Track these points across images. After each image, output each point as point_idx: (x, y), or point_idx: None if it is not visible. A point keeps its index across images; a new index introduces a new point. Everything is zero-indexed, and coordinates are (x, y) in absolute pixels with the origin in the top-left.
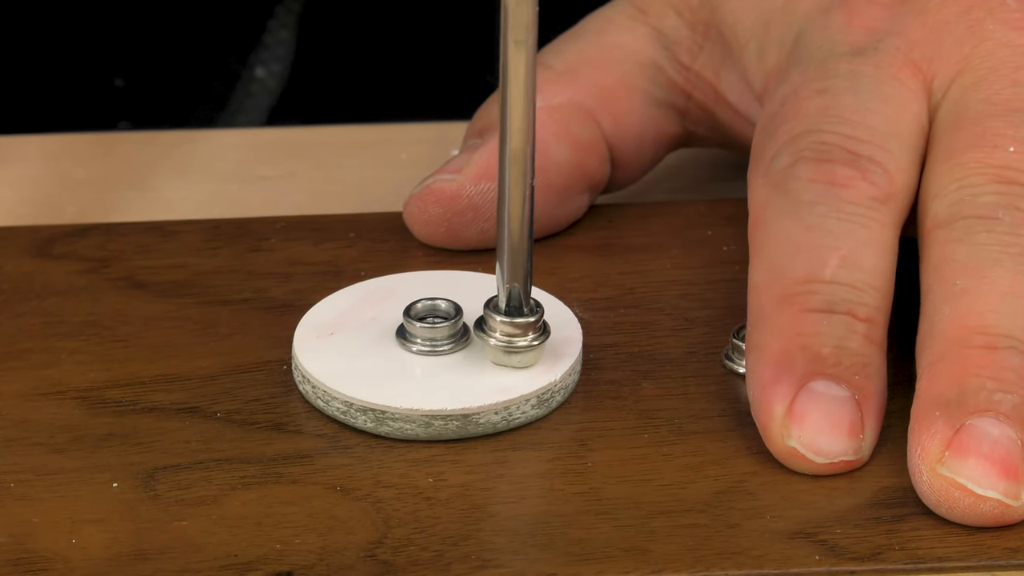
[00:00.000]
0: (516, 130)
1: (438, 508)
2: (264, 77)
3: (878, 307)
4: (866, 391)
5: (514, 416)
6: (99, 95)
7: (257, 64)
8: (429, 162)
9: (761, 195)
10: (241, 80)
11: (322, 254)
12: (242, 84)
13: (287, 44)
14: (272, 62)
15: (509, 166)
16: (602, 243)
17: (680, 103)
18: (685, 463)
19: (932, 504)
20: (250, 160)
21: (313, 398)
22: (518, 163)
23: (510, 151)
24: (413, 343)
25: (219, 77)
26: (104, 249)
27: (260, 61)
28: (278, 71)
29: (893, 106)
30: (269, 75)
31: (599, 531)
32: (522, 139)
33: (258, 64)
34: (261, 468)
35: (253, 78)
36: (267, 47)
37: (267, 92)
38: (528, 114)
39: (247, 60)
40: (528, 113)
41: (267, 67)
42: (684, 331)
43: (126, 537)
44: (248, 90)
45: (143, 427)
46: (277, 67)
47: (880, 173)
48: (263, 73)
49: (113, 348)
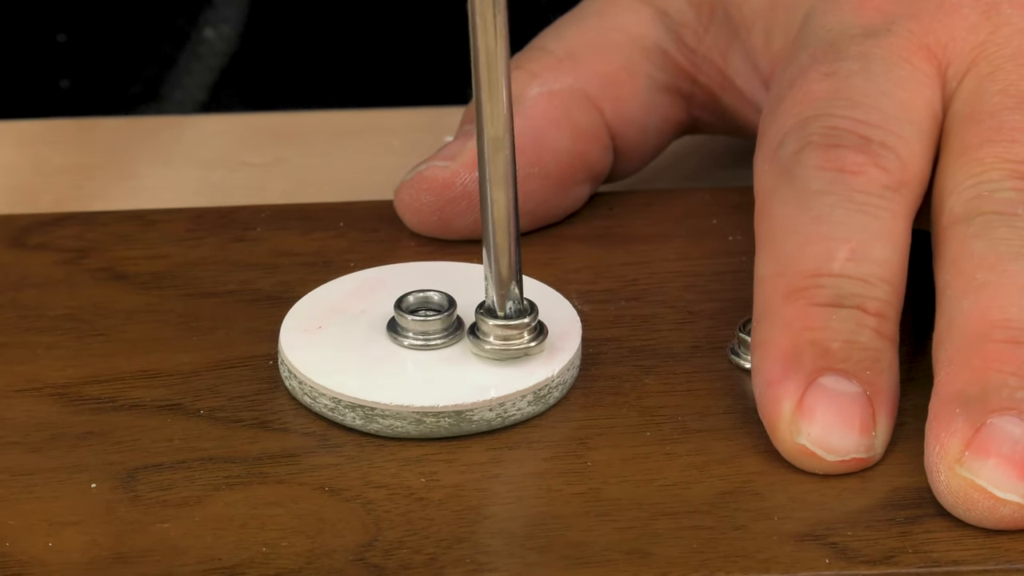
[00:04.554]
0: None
1: (431, 509)
2: (213, 39)
3: (889, 301)
4: (877, 387)
5: (510, 413)
6: (39, 51)
7: (206, 25)
8: (422, 149)
9: (767, 183)
10: (190, 40)
11: (310, 244)
12: (190, 45)
13: (237, 5)
14: (221, 23)
15: (488, 152)
16: (602, 232)
17: (685, 88)
18: (689, 462)
19: (949, 505)
20: (235, 146)
21: (300, 394)
22: (499, 149)
23: (487, 137)
24: (405, 337)
25: (166, 36)
26: (82, 239)
27: (209, 22)
28: (228, 33)
29: (906, 90)
30: (218, 37)
31: (599, 534)
32: (500, 124)
33: (207, 25)
34: (246, 468)
35: (201, 39)
36: (215, 7)
37: (216, 54)
38: (504, 96)
39: (196, 20)
40: (504, 94)
41: (216, 28)
42: (688, 325)
43: (105, 540)
44: (196, 51)
45: (123, 425)
46: (227, 29)
47: (892, 159)
48: (212, 34)
49: (92, 343)
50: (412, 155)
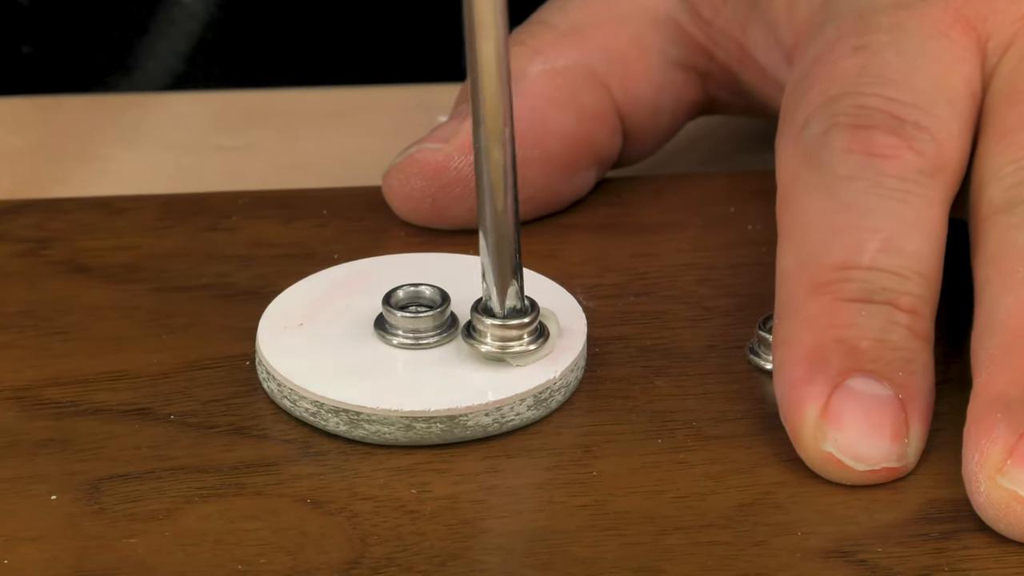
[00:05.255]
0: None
1: (422, 523)
2: (189, 1)
3: (923, 296)
4: (910, 389)
5: (507, 418)
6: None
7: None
8: (413, 129)
9: (790, 167)
10: (162, 2)
11: (290, 234)
12: (164, 7)
13: None
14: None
15: (484, 134)
16: (610, 221)
17: (701, 64)
18: (704, 472)
19: (989, 519)
20: (208, 127)
21: (279, 398)
22: (497, 130)
23: (485, 121)
24: (393, 335)
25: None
26: (43, 228)
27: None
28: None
29: (942, 65)
30: (195, 0)
31: (605, 550)
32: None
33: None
34: (221, 478)
35: (176, 1)
36: None
37: (192, 19)
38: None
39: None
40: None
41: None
42: (703, 322)
43: (67, 557)
44: (170, 15)
45: (86, 431)
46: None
47: (927, 141)
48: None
49: (52, 342)
50: (402, 137)
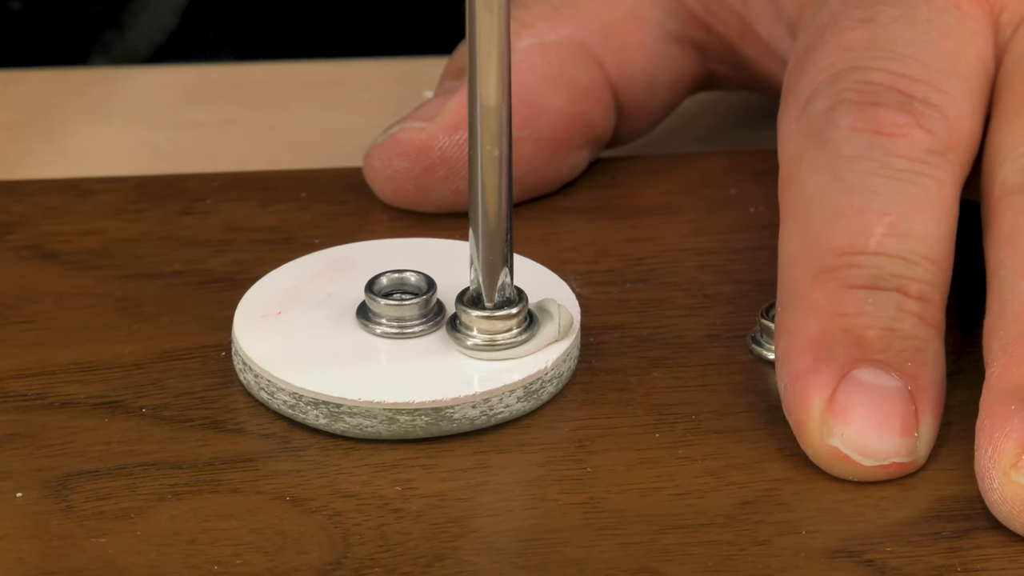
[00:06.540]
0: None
1: (407, 522)
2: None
3: (933, 283)
4: (921, 380)
5: (496, 410)
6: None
7: None
8: (396, 106)
9: (794, 146)
10: None
11: (268, 218)
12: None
13: None
14: None
15: (480, 119)
16: (604, 204)
17: (699, 38)
18: (704, 468)
19: (1004, 516)
20: (181, 103)
21: (256, 390)
22: (491, 115)
23: (480, 102)
24: (377, 324)
25: None
26: (5, 212)
27: None
28: None
29: (953, 39)
30: None
31: (601, 550)
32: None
33: None
34: (195, 474)
35: None
36: None
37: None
38: (503, 51)
39: None
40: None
41: None
42: (702, 310)
43: (33, 557)
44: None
45: (53, 426)
46: None
47: (937, 119)
48: None
49: (17, 331)
50: (385, 114)
